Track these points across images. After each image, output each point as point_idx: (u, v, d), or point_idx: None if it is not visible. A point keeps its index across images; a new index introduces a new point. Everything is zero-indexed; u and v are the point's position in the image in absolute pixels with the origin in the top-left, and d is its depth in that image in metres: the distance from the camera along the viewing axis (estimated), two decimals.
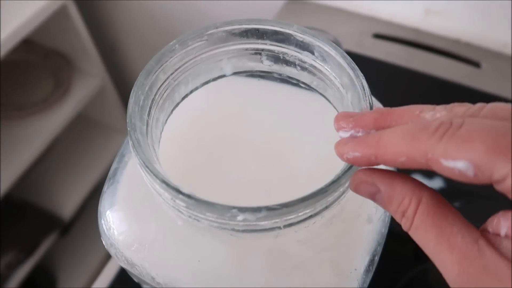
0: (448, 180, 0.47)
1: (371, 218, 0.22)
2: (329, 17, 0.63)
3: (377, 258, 0.22)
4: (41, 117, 0.82)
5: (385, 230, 0.23)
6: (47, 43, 0.88)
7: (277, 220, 0.18)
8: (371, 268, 0.22)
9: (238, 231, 0.18)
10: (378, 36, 0.61)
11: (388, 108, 0.17)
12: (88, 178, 0.97)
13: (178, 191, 0.17)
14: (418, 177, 0.49)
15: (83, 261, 1.01)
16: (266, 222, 0.17)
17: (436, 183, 0.47)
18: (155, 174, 0.18)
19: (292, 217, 0.18)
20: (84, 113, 0.93)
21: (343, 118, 0.17)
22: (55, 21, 0.74)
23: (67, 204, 0.94)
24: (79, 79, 0.87)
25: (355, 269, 0.21)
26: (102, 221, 0.23)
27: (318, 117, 0.29)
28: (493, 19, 0.57)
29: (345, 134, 0.17)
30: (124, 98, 0.99)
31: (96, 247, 1.02)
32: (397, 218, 0.16)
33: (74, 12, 0.76)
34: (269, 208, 0.17)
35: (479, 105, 0.15)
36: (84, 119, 0.99)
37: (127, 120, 0.20)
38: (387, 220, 0.23)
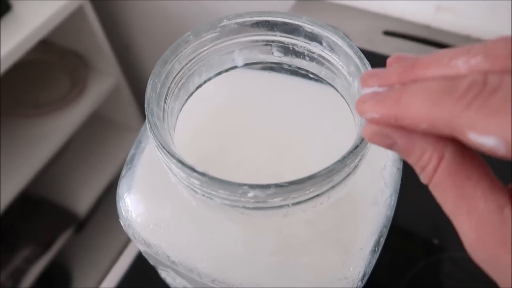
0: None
1: (376, 201, 0.23)
2: (339, 15, 0.64)
3: (382, 240, 0.23)
4: (58, 115, 0.84)
5: (390, 213, 0.23)
6: (64, 44, 0.90)
7: (285, 198, 0.19)
8: (377, 249, 0.23)
9: (248, 208, 0.19)
10: (388, 33, 0.61)
11: (413, 58, 0.15)
12: (102, 175, 0.99)
13: (193, 169, 0.18)
14: None
15: (97, 257, 1.03)
16: (275, 200, 0.19)
17: None
18: (172, 154, 0.19)
19: (299, 195, 0.19)
20: (99, 112, 0.96)
21: (369, 76, 0.16)
22: (71, 21, 0.76)
23: (82, 201, 0.96)
24: (94, 78, 0.89)
25: (361, 249, 0.22)
26: (121, 204, 0.25)
27: (326, 108, 0.30)
28: (503, 15, 0.57)
29: (367, 90, 0.16)
30: (138, 97, 1.01)
31: (111, 244, 1.04)
32: (417, 170, 0.14)
33: (90, 12, 0.78)
34: (277, 185, 0.18)
35: None
36: (99, 118, 1.01)
37: (145, 105, 0.21)
38: (393, 204, 0.24)
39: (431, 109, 0.12)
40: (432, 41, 0.59)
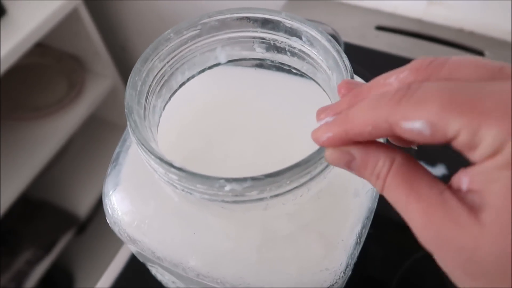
0: (450, 168, 0.47)
1: (357, 192, 0.23)
2: (331, 11, 0.64)
3: (365, 231, 0.23)
4: (56, 117, 0.85)
5: (372, 205, 0.24)
6: (60, 47, 0.91)
7: (263, 191, 0.19)
8: (359, 240, 0.23)
9: (228, 202, 0.19)
10: (381, 28, 0.61)
11: (358, 86, 0.18)
12: (102, 177, 0.99)
13: (171, 165, 0.19)
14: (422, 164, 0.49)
15: (99, 258, 1.04)
16: (252, 193, 0.19)
17: (439, 170, 0.48)
18: (150, 151, 0.19)
19: (277, 188, 0.19)
20: (97, 113, 0.96)
21: (321, 111, 0.19)
22: (67, 24, 0.77)
23: (83, 203, 0.97)
24: (91, 80, 0.90)
25: (342, 240, 0.22)
26: (106, 201, 0.25)
27: (310, 103, 0.30)
28: (495, 8, 0.57)
29: (321, 122, 0.18)
30: None
31: (112, 245, 1.04)
32: (372, 182, 0.16)
33: (85, 14, 0.78)
34: (254, 178, 0.18)
35: (442, 59, 0.15)
36: (97, 120, 1.01)
37: (125, 103, 0.21)
38: (375, 195, 0.24)
39: (372, 113, 0.15)
40: (425, 35, 0.59)
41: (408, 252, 0.44)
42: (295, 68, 0.27)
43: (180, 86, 0.26)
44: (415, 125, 0.14)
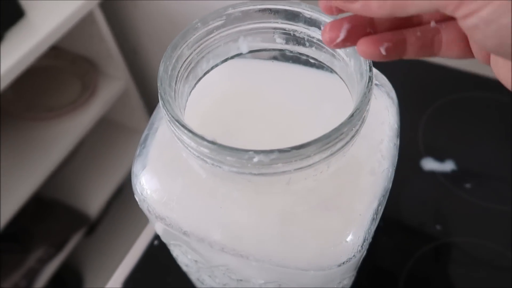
0: (459, 163, 0.48)
1: (374, 171, 0.24)
2: None
3: (381, 209, 0.25)
4: (69, 118, 0.87)
5: (388, 184, 0.25)
6: (74, 49, 0.93)
7: (288, 163, 0.20)
8: (375, 217, 0.24)
9: (254, 175, 0.21)
10: None
11: None
12: (112, 177, 1.01)
13: (203, 138, 0.20)
14: (430, 161, 0.52)
15: (108, 259, 1.05)
16: (278, 165, 0.20)
17: (448, 166, 0.49)
18: (183, 125, 0.21)
19: (301, 161, 0.20)
20: (109, 115, 0.98)
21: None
22: (82, 27, 0.79)
23: (93, 203, 0.98)
24: (104, 82, 0.92)
25: (360, 215, 0.23)
26: (135, 181, 0.26)
27: (327, 93, 0.32)
28: None
29: None
30: (146, 100, 1.03)
31: (121, 245, 1.06)
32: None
33: (100, 17, 0.80)
34: (280, 150, 0.20)
35: None
36: (108, 121, 1.03)
37: (158, 84, 0.23)
38: (390, 176, 0.25)
39: None
40: None
41: (419, 245, 0.45)
42: (313, 58, 0.28)
43: (205, 74, 0.28)
44: None
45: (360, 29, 0.20)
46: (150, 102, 1.06)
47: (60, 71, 0.92)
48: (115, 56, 0.88)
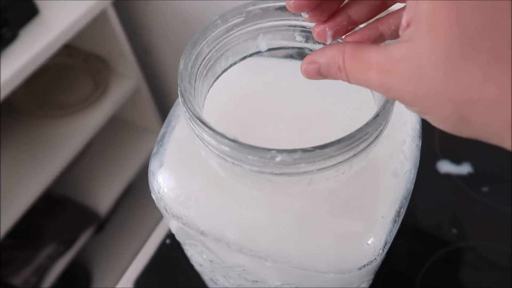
0: (476, 166, 0.48)
1: (396, 173, 0.24)
2: None
3: (403, 211, 0.24)
4: (81, 116, 0.87)
5: (410, 186, 0.24)
6: (87, 48, 0.94)
7: (310, 163, 0.20)
8: (397, 219, 0.24)
9: (276, 174, 0.20)
10: None
11: None
12: (122, 176, 1.01)
13: (224, 136, 0.20)
14: (447, 163, 0.51)
15: (117, 257, 1.05)
16: (301, 165, 0.20)
17: (464, 169, 0.48)
18: (204, 123, 0.20)
19: (324, 161, 0.20)
20: (120, 114, 0.98)
21: None
22: (94, 26, 0.79)
23: (103, 201, 0.99)
24: (116, 80, 0.92)
25: (382, 217, 0.23)
26: (152, 179, 0.26)
27: (345, 92, 0.31)
28: None
29: None
30: (157, 99, 1.03)
31: (130, 243, 1.06)
32: (340, 77, 0.19)
33: (113, 16, 0.81)
34: (304, 150, 0.19)
35: None
36: (120, 120, 1.04)
37: (178, 82, 0.22)
38: (412, 177, 0.25)
39: None
40: None
41: (435, 249, 0.44)
42: None
43: (223, 71, 0.28)
44: None
45: (341, 31, 0.22)
46: (161, 101, 1.06)
47: (73, 69, 0.93)
48: (127, 55, 0.88)
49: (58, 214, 0.95)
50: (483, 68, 0.13)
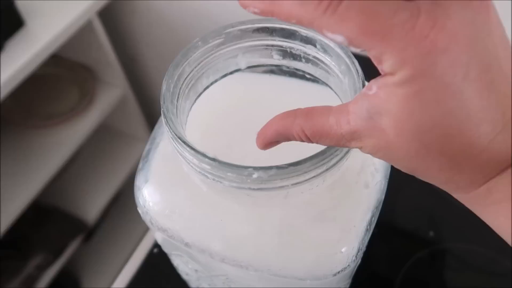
0: None
1: (367, 184, 0.25)
2: None
3: (374, 220, 0.26)
4: (68, 126, 0.88)
5: (381, 196, 0.26)
6: (73, 57, 0.94)
7: (285, 179, 0.21)
8: (369, 227, 0.25)
9: (253, 190, 0.22)
10: None
11: None
12: (110, 184, 1.02)
13: (204, 155, 0.21)
14: None
15: (106, 265, 1.05)
16: (276, 181, 0.21)
17: None
18: (186, 143, 0.22)
19: (298, 177, 0.21)
20: (107, 122, 0.99)
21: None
22: (81, 36, 0.80)
23: (91, 209, 0.99)
24: (102, 90, 0.93)
25: (354, 226, 0.24)
26: (138, 193, 0.27)
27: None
28: None
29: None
30: (144, 107, 1.04)
31: (119, 252, 1.06)
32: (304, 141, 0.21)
33: (98, 26, 0.81)
34: (278, 167, 0.21)
35: None
36: (107, 129, 1.04)
37: (161, 103, 0.24)
38: (383, 188, 0.26)
39: (298, 10, 0.17)
40: None
41: (413, 251, 0.46)
42: (309, 74, 0.29)
43: (205, 89, 0.29)
44: (337, 37, 0.16)
45: None
46: (148, 109, 1.07)
47: (59, 79, 0.93)
48: (113, 64, 0.89)
49: (46, 224, 0.95)
50: (429, 162, 0.17)
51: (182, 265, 0.31)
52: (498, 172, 0.18)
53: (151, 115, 1.07)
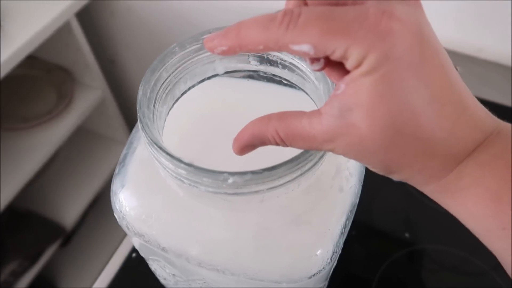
0: None
1: (342, 188, 0.26)
2: None
3: (349, 223, 0.26)
4: (45, 128, 0.86)
5: (355, 200, 0.27)
6: (51, 59, 0.92)
7: (260, 184, 0.22)
8: (344, 230, 0.26)
9: (229, 194, 0.22)
10: None
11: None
12: (89, 188, 1.00)
13: (180, 161, 0.21)
14: None
15: (84, 270, 1.04)
16: (252, 186, 0.22)
17: None
18: (162, 149, 0.22)
19: (273, 182, 0.22)
20: (86, 125, 0.98)
21: (210, 39, 0.20)
22: (58, 37, 0.79)
23: (69, 214, 0.97)
24: (81, 92, 0.91)
25: (329, 229, 0.25)
26: (114, 199, 0.27)
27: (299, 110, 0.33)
28: (466, 26, 0.62)
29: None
30: (123, 110, 1.03)
31: (97, 256, 1.05)
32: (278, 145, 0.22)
33: (76, 28, 0.80)
34: (253, 172, 0.21)
35: None
36: (85, 131, 1.03)
37: (137, 108, 0.24)
38: (357, 192, 0.27)
39: (263, 35, 0.18)
40: None
41: (389, 252, 0.47)
42: (285, 79, 0.30)
43: (182, 94, 0.29)
44: (303, 47, 0.17)
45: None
46: (127, 111, 1.06)
47: (36, 81, 0.92)
48: (92, 66, 0.88)
49: (22, 229, 0.92)
50: (403, 148, 0.18)
51: (160, 269, 0.31)
52: (466, 155, 0.18)
53: (130, 118, 1.06)
